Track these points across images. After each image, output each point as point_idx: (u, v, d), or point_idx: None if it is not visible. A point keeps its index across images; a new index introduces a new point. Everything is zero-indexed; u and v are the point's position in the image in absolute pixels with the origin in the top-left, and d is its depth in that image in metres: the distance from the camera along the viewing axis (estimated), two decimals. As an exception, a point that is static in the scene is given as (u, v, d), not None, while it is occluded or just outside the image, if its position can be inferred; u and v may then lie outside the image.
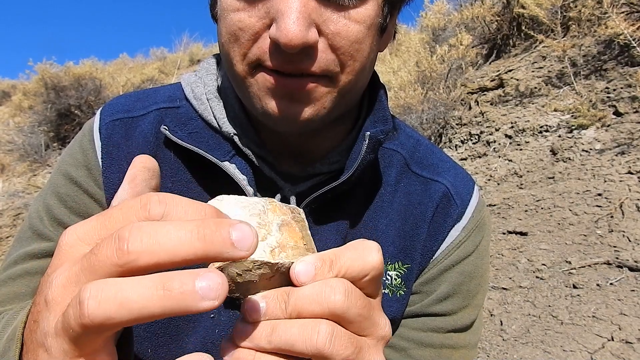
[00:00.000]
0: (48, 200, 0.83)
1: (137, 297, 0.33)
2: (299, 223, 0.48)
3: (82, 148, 0.83)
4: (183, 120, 0.80)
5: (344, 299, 0.42)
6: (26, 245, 0.82)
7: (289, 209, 0.48)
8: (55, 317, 0.36)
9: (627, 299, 2.92)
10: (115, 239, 0.34)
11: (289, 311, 0.43)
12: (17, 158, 9.42)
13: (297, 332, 0.41)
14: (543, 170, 4.54)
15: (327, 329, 0.42)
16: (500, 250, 3.75)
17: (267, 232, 0.44)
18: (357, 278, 0.45)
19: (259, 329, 0.43)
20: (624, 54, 5.08)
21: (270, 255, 0.43)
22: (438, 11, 8.00)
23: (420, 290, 0.85)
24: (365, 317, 0.44)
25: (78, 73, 9.62)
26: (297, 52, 0.61)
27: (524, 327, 2.98)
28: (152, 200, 0.37)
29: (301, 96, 0.66)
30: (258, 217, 0.45)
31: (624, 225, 3.46)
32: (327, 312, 0.42)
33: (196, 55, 14.94)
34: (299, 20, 0.58)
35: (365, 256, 0.45)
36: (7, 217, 6.63)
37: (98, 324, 0.33)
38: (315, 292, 0.42)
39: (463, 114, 5.94)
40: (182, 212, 0.37)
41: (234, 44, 0.65)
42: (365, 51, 0.67)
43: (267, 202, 0.47)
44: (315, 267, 0.43)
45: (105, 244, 0.35)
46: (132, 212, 0.37)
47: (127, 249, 0.34)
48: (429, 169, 0.87)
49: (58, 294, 0.36)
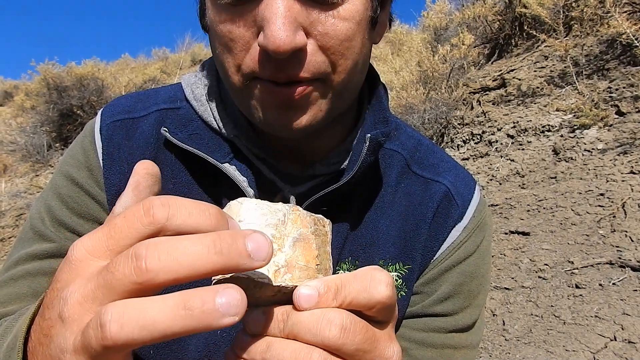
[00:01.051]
0: (49, 201, 0.83)
1: (160, 318, 0.33)
2: (319, 237, 0.46)
3: (83, 149, 0.83)
4: (183, 121, 0.80)
5: (338, 335, 0.41)
6: (27, 246, 0.82)
7: (312, 220, 0.46)
8: (72, 334, 0.36)
9: (630, 298, 2.91)
10: (132, 257, 0.34)
11: (285, 332, 0.42)
12: (19, 158, 9.44)
13: (289, 355, 0.41)
14: (545, 170, 4.53)
15: (319, 358, 0.41)
16: (503, 250, 3.74)
17: (279, 248, 0.43)
18: (364, 309, 0.44)
19: (255, 343, 0.43)
20: (626, 54, 5.07)
21: (274, 276, 0.42)
22: (440, 11, 7.99)
23: (421, 290, 0.85)
24: (365, 351, 0.43)
25: (80, 73, 9.63)
26: (287, 57, 0.60)
27: (527, 327, 2.97)
28: (154, 205, 0.37)
29: (297, 104, 0.65)
30: (274, 228, 0.44)
31: (627, 225, 3.45)
32: (321, 344, 0.41)
33: (198, 56, 14.95)
34: (285, 26, 0.58)
35: (372, 289, 0.43)
36: (9, 217, 6.64)
37: (120, 345, 0.33)
38: (311, 322, 0.41)
39: (465, 113, 5.94)
40: (186, 213, 0.37)
41: (227, 55, 0.65)
42: (356, 48, 0.66)
43: (290, 210, 0.45)
44: (319, 293, 0.42)
45: (122, 262, 0.35)
46: (136, 218, 0.37)
47: (145, 267, 0.34)
48: (429, 169, 0.86)
49: (75, 311, 0.36)
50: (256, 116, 0.68)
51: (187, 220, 0.37)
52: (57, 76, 9.48)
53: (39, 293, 0.79)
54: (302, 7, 0.60)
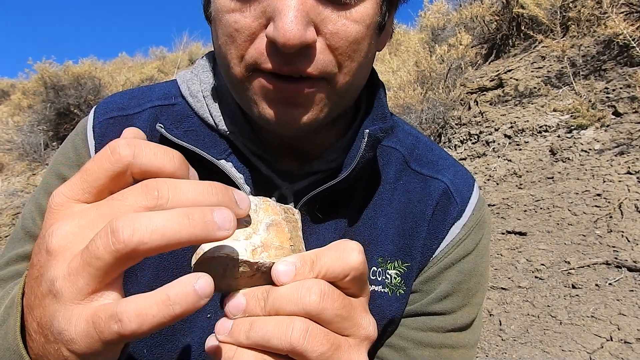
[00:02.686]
0: (40, 201, 0.82)
1: (168, 224, 0.37)
2: (290, 224, 0.48)
3: (74, 147, 0.82)
4: (179, 118, 0.79)
5: (318, 300, 0.43)
6: (18, 247, 0.81)
7: (282, 209, 0.48)
8: (64, 261, 0.39)
9: (626, 299, 2.92)
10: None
11: (267, 309, 0.44)
12: (16, 157, 9.42)
13: (272, 328, 0.43)
14: (542, 170, 4.54)
15: (302, 325, 0.43)
16: (500, 250, 3.75)
17: (253, 231, 0.45)
18: (338, 278, 0.45)
19: (238, 324, 0.45)
20: (623, 54, 5.08)
21: (251, 254, 0.44)
22: (437, 11, 8.00)
23: (420, 289, 0.84)
24: (343, 318, 0.45)
25: (77, 72, 9.61)
26: (294, 52, 0.59)
27: (523, 327, 2.97)
28: (120, 144, 0.41)
29: (299, 101, 0.65)
30: (247, 215, 0.45)
31: (623, 226, 3.45)
32: (302, 312, 0.43)
33: (196, 55, 14.92)
34: (297, 19, 0.57)
35: (345, 257, 0.45)
36: (6, 216, 6.63)
37: (131, 249, 0.36)
38: (291, 292, 0.43)
39: (462, 113, 5.94)
40: (151, 153, 0.41)
41: (230, 46, 0.64)
42: (363, 51, 0.66)
43: (260, 200, 0.48)
44: (296, 267, 0.44)
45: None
46: (105, 159, 0.41)
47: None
48: (428, 166, 0.86)
49: (66, 240, 0.39)
50: (255, 110, 0.67)
51: (151, 159, 0.41)
52: (54, 75, 9.46)
53: None
54: (315, 3, 0.60)
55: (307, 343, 0.42)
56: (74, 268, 0.38)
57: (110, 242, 0.36)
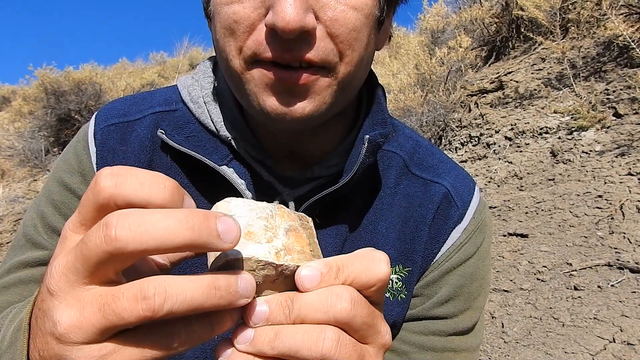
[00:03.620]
0: (42, 208, 0.82)
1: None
2: (307, 230, 0.48)
3: (76, 154, 0.82)
4: (180, 124, 0.79)
5: (350, 307, 0.42)
6: (20, 254, 0.81)
7: (297, 216, 0.48)
8: (60, 303, 0.37)
9: (629, 300, 2.91)
10: (103, 226, 0.35)
11: (292, 317, 0.42)
12: (17, 163, 9.42)
13: (301, 338, 0.41)
14: (543, 172, 4.54)
15: (334, 335, 0.41)
16: (501, 253, 3.74)
17: (274, 235, 0.44)
18: (364, 288, 0.44)
19: (261, 333, 0.42)
20: (623, 56, 5.08)
21: (275, 256, 0.42)
22: (437, 13, 8.00)
23: (421, 293, 0.84)
24: (369, 325, 0.44)
25: (78, 78, 9.62)
26: (294, 38, 0.60)
27: (526, 329, 2.97)
28: (102, 174, 0.38)
29: (301, 90, 0.64)
30: (265, 220, 0.44)
31: (625, 227, 3.45)
32: (333, 320, 0.41)
33: (196, 60, 14.93)
34: (296, 4, 0.58)
35: (373, 267, 0.44)
36: (7, 222, 6.62)
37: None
38: (320, 300, 0.42)
39: (463, 116, 5.94)
40: (137, 183, 0.38)
41: (230, 38, 0.64)
42: (363, 41, 0.66)
43: (275, 207, 0.47)
44: (321, 273, 0.43)
45: (95, 232, 0.35)
46: (90, 189, 0.39)
47: (114, 235, 0.34)
48: (429, 170, 0.86)
49: (59, 283, 0.37)
50: (254, 103, 0.67)
51: (137, 190, 0.38)
52: (54, 81, 9.47)
53: None
54: None
55: (339, 353, 0.41)
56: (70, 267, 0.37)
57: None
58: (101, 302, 0.36)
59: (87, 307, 0.36)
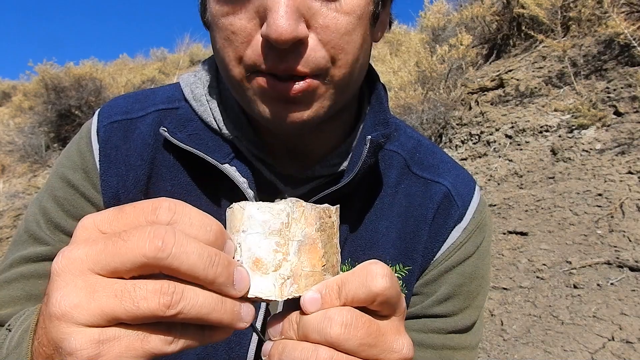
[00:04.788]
0: (45, 204, 0.82)
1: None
2: (325, 232, 0.47)
3: (79, 151, 0.83)
4: (182, 121, 0.79)
5: (340, 331, 0.43)
6: (22, 249, 0.81)
7: (317, 214, 0.47)
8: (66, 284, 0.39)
9: (628, 298, 2.92)
10: (150, 232, 0.38)
11: (299, 334, 0.45)
12: (17, 159, 9.42)
13: (299, 355, 0.44)
14: (543, 170, 4.54)
15: (325, 355, 0.43)
16: (501, 251, 3.74)
17: (284, 257, 0.44)
18: (365, 303, 0.45)
19: (273, 347, 0.47)
20: (624, 54, 5.07)
21: (279, 291, 0.44)
22: (438, 11, 7.98)
23: (421, 291, 0.85)
24: (370, 345, 0.44)
25: (78, 74, 9.61)
26: (288, 47, 0.60)
27: (525, 327, 2.97)
28: (162, 206, 0.41)
29: (296, 99, 0.65)
30: (278, 234, 0.44)
31: (625, 225, 3.45)
32: (325, 342, 0.43)
33: (197, 56, 14.90)
34: (288, 14, 0.58)
35: (368, 282, 0.45)
36: (7, 218, 6.63)
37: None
38: (315, 322, 0.44)
39: (463, 114, 5.94)
40: (188, 222, 0.41)
41: (228, 49, 0.65)
42: (356, 43, 0.66)
43: (294, 207, 0.45)
44: (322, 295, 0.45)
45: (139, 234, 0.38)
46: (142, 213, 0.41)
47: (162, 246, 0.38)
48: (429, 170, 0.86)
49: (70, 263, 0.39)
50: (256, 110, 0.68)
51: (187, 228, 0.41)
52: (55, 76, 9.46)
53: (33, 296, 0.78)
54: None
55: None
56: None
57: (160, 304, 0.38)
58: (118, 289, 0.38)
59: (99, 291, 0.38)
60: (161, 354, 0.40)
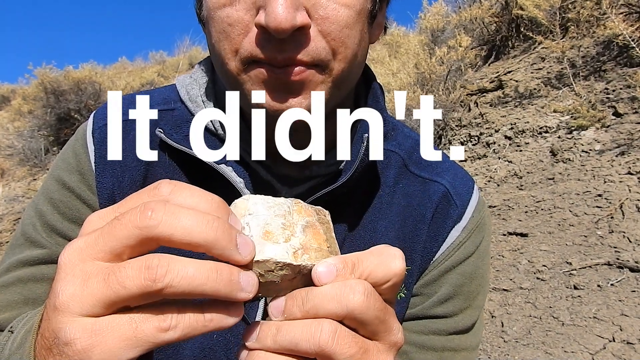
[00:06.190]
0: (41, 207, 0.81)
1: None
2: (324, 225, 0.48)
3: (75, 153, 0.82)
4: (178, 122, 0.79)
5: (363, 298, 0.42)
6: (19, 253, 0.80)
7: (314, 211, 0.48)
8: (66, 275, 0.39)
9: (628, 299, 2.91)
10: (141, 206, 0.38)
11: (306, 309, 0.43)
12: (16, 162, 9.42)
13: (300, 331, 0.42)
14: (543, 171, 4.54)
15: (330, 327, 0.42)
16: (501, 252, 3.74)
17: (291, 234, 0.44)
18: (379, 284, 0.45)
19: (265, 329, 0.43)
20: (623, 55, 5.08)
21: (293, 257, 0.43)
22: (436, 13, 7.99)
23: (421, 292, 0.84)
24: (381, 321, 0.44)
25: (77, 77, 9.63)
26: (287, 37, 0.60)
27: (525, 329, 2.97)
28: (162, 183, 0.42)
29: (296, 87, 0.65)
30: (283, 217, 0.45)
31: (625, 226, 3.45)
32: (345, 311, 0.42)
33: (196, 59, 14.91)
34: (287, 3, 0.58)
35: (388, 262, 0.45)
36: (6, 221, 6.63)
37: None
38: (334, 291, 0.42)
39: (462, 115, 5.94)
40: (188, 194, 0.41)
41: (224, 42, 0.64)
42: (356, 37, 0.66)
43: (292, 202, 0.47)
44: (337, 268, 0.43)
45: (132, 210, 0.38)
46: (144, 193, 0.42)
47: (151, 214, 0.37)
48: (427, 169, 0.86)
49: (70, 254, 0.40)
50: (252, 102, 0.67)
51: (186, 199, 0.41)
52: (54, 80, 9.47)
53: (30, 300, 0.78)
54: None
55: (336, 344, 0.41)
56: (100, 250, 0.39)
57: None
58: (106, 273, 0.37)
59: (92, 278, 0.38)
60: (159, 343, 0.38)
